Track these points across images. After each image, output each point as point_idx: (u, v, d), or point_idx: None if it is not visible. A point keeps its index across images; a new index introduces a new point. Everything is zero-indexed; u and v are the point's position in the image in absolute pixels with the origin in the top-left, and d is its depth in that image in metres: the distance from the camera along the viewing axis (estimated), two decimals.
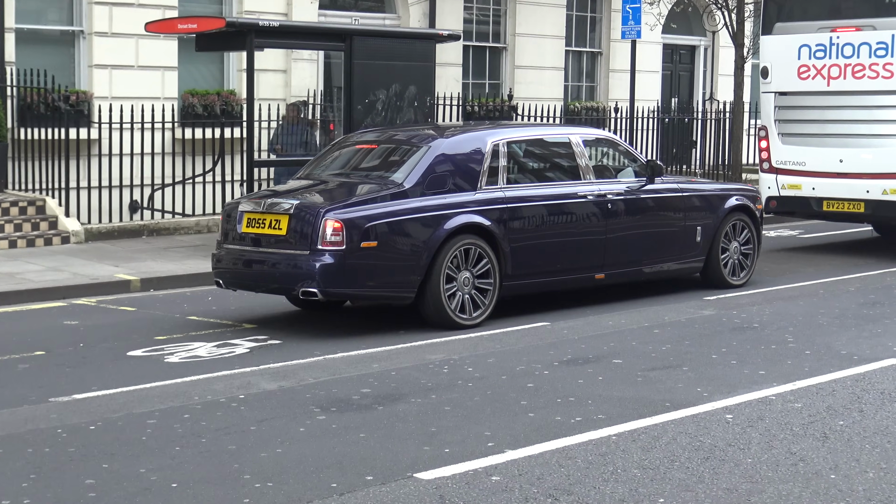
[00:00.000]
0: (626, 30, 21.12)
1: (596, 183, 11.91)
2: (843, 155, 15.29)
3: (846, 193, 15.32)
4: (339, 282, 10.32)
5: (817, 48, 15.50)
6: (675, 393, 8.27)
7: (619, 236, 11.95)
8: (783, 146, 15.88)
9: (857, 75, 15.23)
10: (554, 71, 23.14)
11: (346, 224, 10.22)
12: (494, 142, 11.33)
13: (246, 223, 10.78)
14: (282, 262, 10.44)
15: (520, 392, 8.29)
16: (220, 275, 11.09)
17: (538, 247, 11.37)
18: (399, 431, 7.29)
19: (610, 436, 7.17)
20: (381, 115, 15.50)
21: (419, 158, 10.96)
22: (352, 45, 15.24)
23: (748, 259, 13.21)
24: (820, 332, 10.49)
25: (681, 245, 12.58)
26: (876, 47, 15.07)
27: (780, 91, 15.96)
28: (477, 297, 10.91)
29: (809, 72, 15.59)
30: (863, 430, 7.30)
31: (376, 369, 9.04)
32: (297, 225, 10.39)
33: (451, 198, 10.84)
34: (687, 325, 10.83)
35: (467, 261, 10.81)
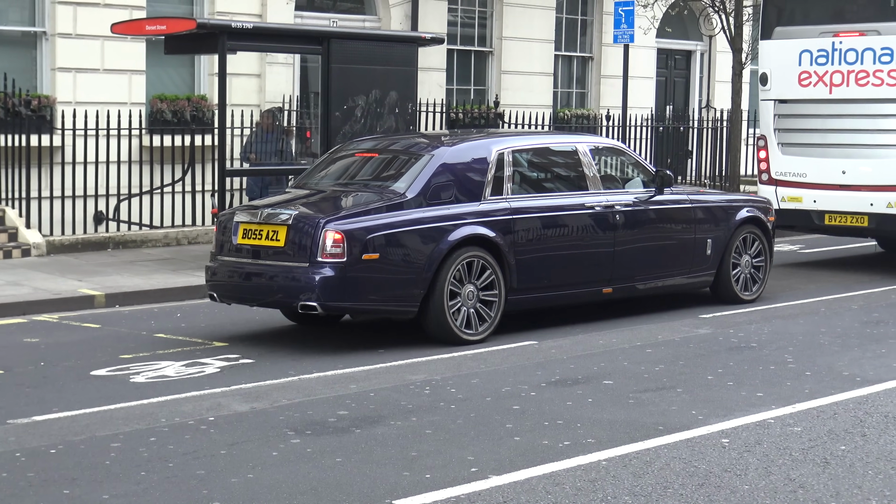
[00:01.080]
0: (619, 34, 21.17)
1: (604, 193, 12.02)
2: (845, 166, 15.33)
3: (849, 207, 15.33)
4: (340, 295, 10.37)
5: (819, 54, 15.55)
6: (668, 416, 8.28)
7: (627, 249, 12.06)
8: (783, 157, 15.92)
9: (861, 82, 15.26)
10: (542, 76, 23.20)
11: (347, 235, 10.29)
12: (499, 150, 11.43)
13: (242, 234, 10.84)
14: (280, 275, 10.49)
15: (505, 414, 8.29)
16: (214, 288, 11.16)
17: (545, 259, 11.46)
18: (377, 456, 7.29)
19: (600, 461, 7.17)
20: (361, 122, 15.52)
21: (422, 168, 11.04)
22: (329, 49, 15.25)
23: (760, 273, 13.33)
24: (821, 352, 10.52)
25: (691, 258, 12.69)
26: (880, 53, 15.11)
27: (779, 99, 16.02)
28: (481, 311, 11.00)
29: (811, 79, 15.65)
30: (865, 456, 7.32)
31: (354, 390, 9.04)
32: (296, 236, 10.45)
33: (454, 208, 10.93)
34: (681, 345, 10.86)
35: (471, 274, 10.90)
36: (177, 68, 18.39)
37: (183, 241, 16.96)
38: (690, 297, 13.15)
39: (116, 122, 16.72)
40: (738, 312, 12.52)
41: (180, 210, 17.31)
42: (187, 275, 14.27)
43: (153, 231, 16.88)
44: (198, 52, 16.89)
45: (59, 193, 16.36)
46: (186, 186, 17.22)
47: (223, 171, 14.85)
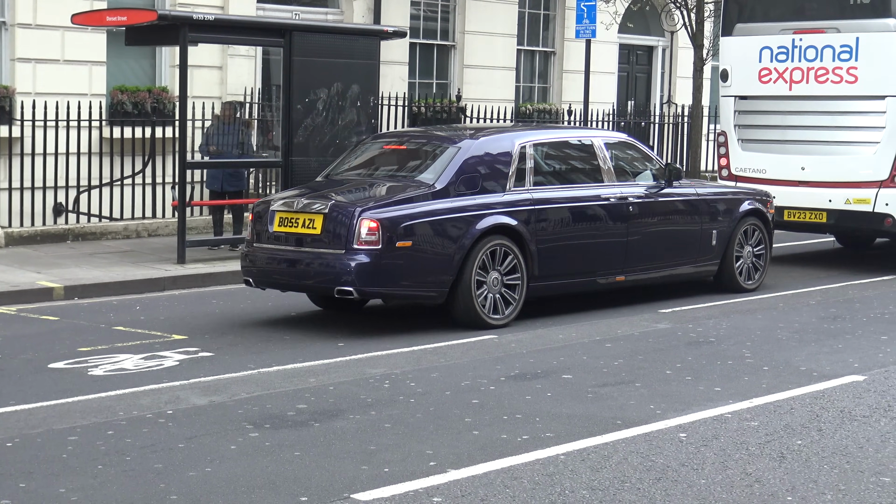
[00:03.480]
0: (581, 29, 21.21)
1: (618, 186, 12.53)
2: (805, 162, 15.46)
3: (808, 203, 15.42)
4: (375, 281, 10.83)
5: (779, 51, 15.65)
6: (626, 410, 8.31)
7: (639, 239, 12.56)
8: (743, 153, 16.03)
9: (821, 79, 15.37)
10: (505, 71, 23.21)
11: (382, 224, 10.74)
12: (521, 143, 11.92)
13: (278, 222, 11.28)
14: (316, 262, 10.95)
15: (464, 408, 8.30)
16: (249, 273, 11.58)
17: (563, 248, 11.94)
18: (336, 450, 7.28)
19: (558, 455, 7.19)
20: (322, 115, 15.49)
21: (449, 159, 11.51)
22: (291, 41, 15.21)
23: (760, 262, 13.83)
24: (778, 347, 10.58)
25: (697, 248, 13.22)
26: (840, 50, 15.21)
27: (740, 95, 16.12)
28: (506, 297, 11.45)
29: (771, 75, 15.75)
30: (821, 450, 7.37)
31: (313, 384, 9.02)
32: (332, 225, 10.91)
33: (481, 198, 11.40)
34: (640, 339, 10.90)
35: (496, 261, 11.35)
36: (138, 60, 18.28)
37: (143, 233, 16.87)
38: (649, 292, 13.20)
39: (76, 114, 16.61)
40: (696, 307, 12.58)
41: (140, 202, 17.23)
42: (147, 267, 14.21)
43: (113, 223, 16.79)
44: (159, 43, 16.78)
45: (18, 185, 16.23)
46: (147, 178, 17.13)
47: (183, 164, 14.79)
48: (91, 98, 17.15)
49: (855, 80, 15.13)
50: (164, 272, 13.97)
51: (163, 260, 14.74)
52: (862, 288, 14.04)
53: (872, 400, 8.65)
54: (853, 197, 15.12)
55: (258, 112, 18.80)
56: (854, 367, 9.76)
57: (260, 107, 18.90)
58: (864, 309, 12.60)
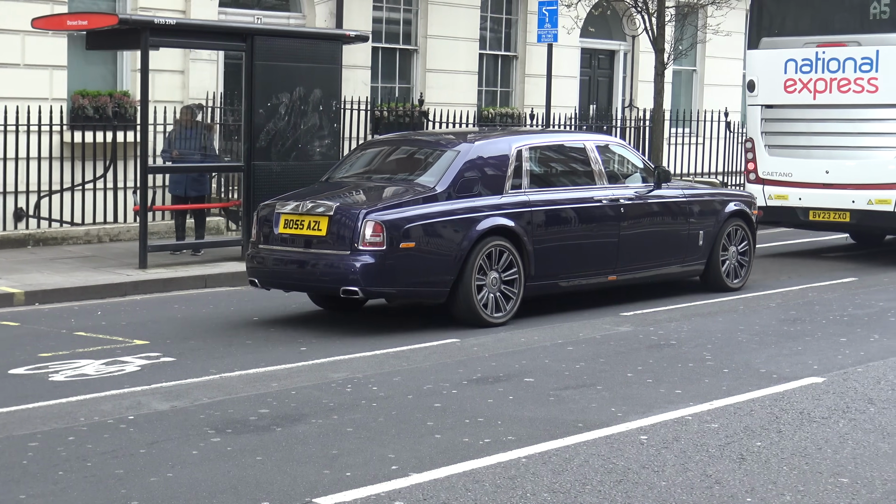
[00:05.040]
0: (543, 33, 21.27)
1: (610, 188, 12.93)
2: (829, 166, 16.56)
3: (832, 203, 16.57)
4: (379, 281, 11.16)
5: (803, 63, 16.87)
6: (588, 413, 8.34)
7: (630, 239, 12.95)
8: (770, 158, 17.16)
9: (843, 89, 16.56)
10: (467, 75, 23.25)
11: (386, 225, 11.08)
12: (518, 147, 12.30)
13: (283, 224, 11.59)
14: (321, 262, 11.29)
15: (426, 412, 8.31)
16: (255, 274, 11.87)
17: (558, 248, 12.31)
18: (298, 454, 7.28)
19: (520, 458, 7.21)
20: (285, 119, 15.47)
21: (449, 163, 11.85)
22: (253, 46, 15.19)
23: (744, 263, 14.23)
24: (739, 349, 10.65)
25: (685, 249, 13.60)
26: (861, 62, 16.42)
27: (766, 104, 17.31)
28: (505, 295, 11.79)
29: (796, 85, 16.95)
30: (780, 452, 7.42)
31: (275, 388, 9.01)
32: (337, 226, 11.23)
33: (480, 201, 11.75)
34: (602, 342, 10.94)
35: (494, 262, 11.68)
36: (99, 64, 18.20)
37: (104, 238, 16.80)
38: (611, 296, 13.25)
39: (37, 118, 16.53)
40: (658, 310, 12.64)
41: (102, 207, 17.15)
42: (109, 272, 14.15)
43: (74, 228, 16.70)
44: (120, 47, 16.73)
45: None
46: (108, 183, 17.05)
47: (145, 168, 14.74)
48: (52, 102, 17.06)
49: (875, 89, 16.29)
50: (126, 277, 13.91)
51: (124, 265, 14.68)
52: (821, 290, 14.15)
53: (831, 401, 8.71)
54: (875, 198, 16.23)
55: (220, 116, 18.75)
56: (813, 368, 9.83)
57: (222, 111, 18.85)
58: (823, 311, 12.69)
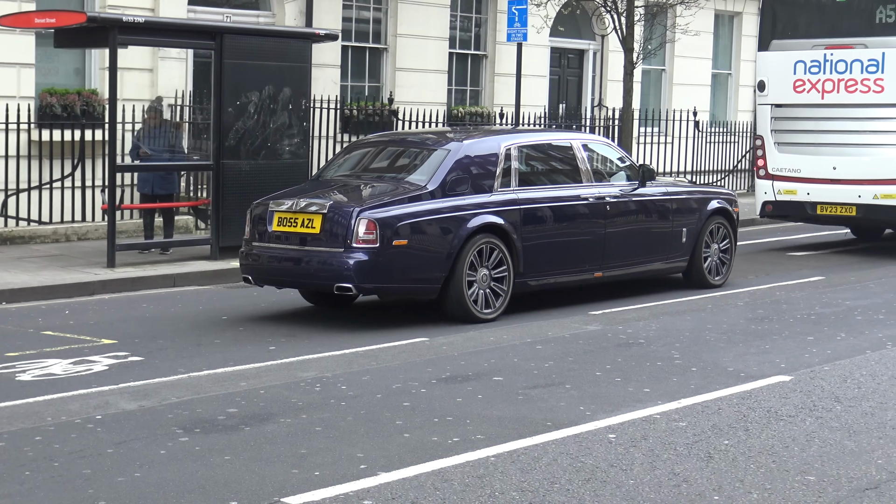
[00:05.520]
0: (512, 32, 21.28)
1: (596, 186, 13.15)
2: (836, 163, 17.43)
3: (839, 198, 17.42)
4: (373, 278, 11.39)
5: (812, 64, 17.71)
6: (556, 412, 8.35)
7: (615, 236, 13.18)
8: (779, 154, 17.99)
9: (850, 89, 17.41)
10: (437, 74, 23.24)
11: (379, 223, 11.29)
12: (507, 146, 12.50)
13: (277, 222, 11.79)
14: (315, 260, 11.49)
15: (395, 411, 8.31)
16: (249, 271, 12.08)
17: (546, 246, 12.51)
18: (267, 453, 7.26)
19: (488, 457, 7.21)
20: (254, 117, 15.44)
21: (440, 161, 12.04)
22: (222, 44, 15.15)
23: (726, 260, 14.49)
24: (707, 348, 10.69)
25: (668, 245, 13.86)
26: (867, 64, 17.29)
27: (776, 103, 18.10)
28: (495, 292, 12.00)
29: (805, 86, 17.77)
30: (748, 450, 7.45)
31: (244, 388, 8.99)
32: (331, 224, 11.43)
33: (470, 199, 11.95)
34: (571, 341, 10.96)
35: (485, 259, 11.90)
36: (67, 62, 18.11)
37: (72, 237, 16.72)
38: (579, 294, 13.28)
39: (4, 116, 16.43)
40: (626, 309, 12.67)
41: (70, 205, 17.06)
42: (76, 271, 14.08)
43: (42, 227, 16.61)
44: (88, 45, 16.61)
45: None
46: (76, 182, 16.97)
47: (113, 167, 14.68)
48: (19, 101, 16.95)
49: (881, 90, 17.11)
50: (94, 276, 13.85)
51: (92, 264, 14.61)
52: (789, 289, 14.21)
53: (798, 400, 8.76)
54: (881, 192, 17.11)
55: (189, 115, 18.68)
56: (781, 367, 9.87)
57: (191, 109, 18.78)
58: (790, 310, 12.75)
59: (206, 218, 16.13)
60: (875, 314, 12.51)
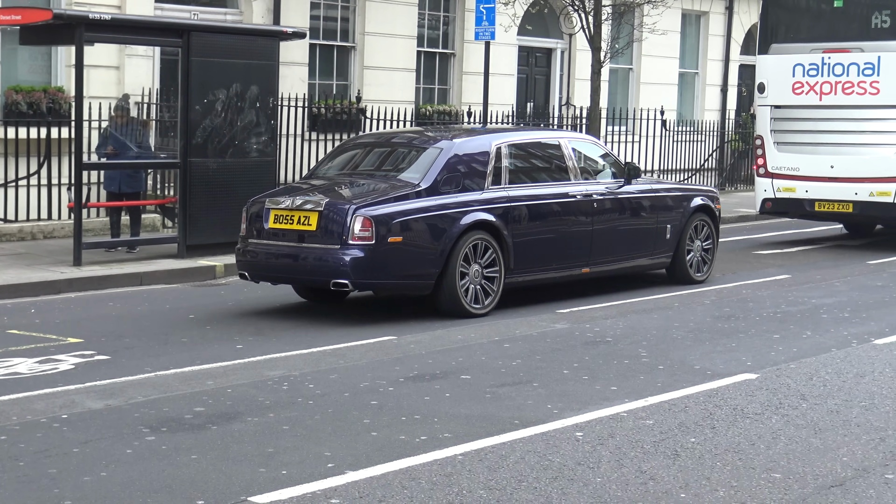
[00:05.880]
0: (480, 31, 21.27)
1: (584, 183, 13.47)
2: (833, 161, 18.25)
3: (836, 195, 18.23)
4: (369, 274, 11.60)
5: (810, 67, 18.50)
6: (524, 410, 8.36)
7: (602, 233, 13.47)
8: (778, 153, 18.77)
9: (847, 91, 18.25)
10: (405, 72, 23.23)
11: (375, 220, 11.52)
12: (497, 144, 12.77)
13: (273, 220, 11.99)
14: (311, 256, 11.71)
15: (363, 410, 8.30)
16: (245, 267, 12.29)
17: (536, 242, 12.78)
18: (234, 452, 7.24)
19: (456, 455, 7.21)
20: (221, 116, 15.39)
21: (433, 160, 12.28)
22: (189, 42, 15.10)
23: (708, 256, 14.83)
24: (674, 346, 10.72)
25: (653, 242, 14.16)
26: (864, 67, 18.11)
27: (775, 104, 18.91)
28: (485, 288, 12.22)
29: (803, 88, 18.59)
30: (714, 448, 7.48)
31: (211, 386, 8.96)
32: (327, 222, 11.65)
33: (462, 196, 12.19)
34: (538, 339, 10.97)
35: (477, 255, 12.14)
36: (33, 59, 17.99)
37: (38, 235, 16.62)
38: (548, 293, 13.30)
39: None
40: (594, 307, 12.69)
41: (36, 204, 16.95)
42: (42, 269, 14.00)
43: (7, 225, 16.51)
44: (54, 43, 16.52)
45: None
46: (42, 180, 16.86)
47: (80, 165, 14.60)
48: None
49: (877, 91, 17.94)
50: (60, 274, 13.77)
51: (59, 262, 14.53)
52: (755, 287, 14.27)
53: (764, 398, 8.80)
54: (876, 190, 17.90)
55: (156, 113, 18.60)
56: (747, 365, 9.91)
57: (158, 107, 18.70)
58: (757, 308, 12.80)
59: (174, 216, 16.07)
60: (840, 312, 12.58)
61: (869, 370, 9.79)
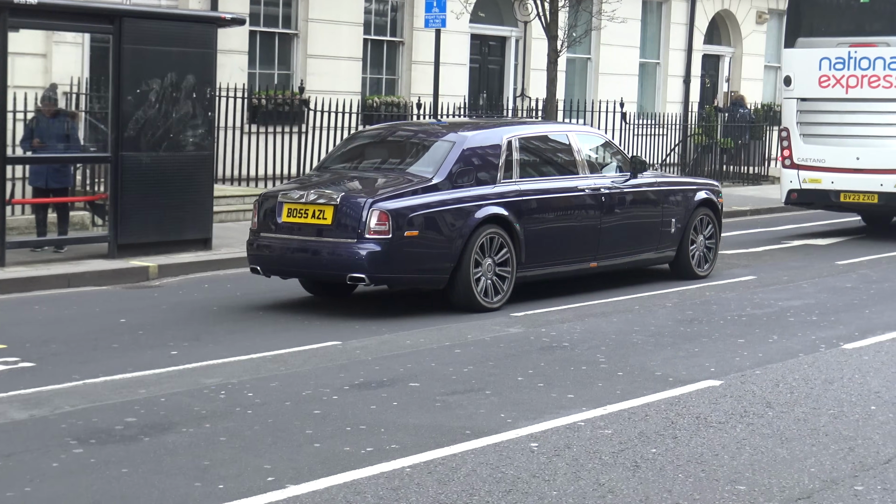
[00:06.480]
0: (430, 18, 21.32)
1: (592, 177, 14.02)
2: (859, 153, 19.49)
3: (862, 186, 19.54)
4: (385, 268, 12.09)
5: (836, 61, 19.79)
6: (476, 419, 8.36)
7: (610, 227, 14.02)
8: (805, 145, 20.05)
9: (873, 85, 19.50)
10: (351, 61, 23.21)
11: (392, 214, 11.99)
12: (508, 137, 13.32)
13: (286, 213, 12.43)
14: (326, 250, 12.17)
15: (305, 420, 8.27)
16: (257, 261, 12.76)
17: (546, 236, 13.30)
18: (167, 466, 7.20)
19: (404, 468, 7.20)
20: (155, 107, 15.31)
21: (446, 153, 12.78)
22: (121, 28, 15.01)
23: (711, 252, 15.43)
24: (634, 351, 10.76)
25: (659, 236, 14.74)
26: (890, 61, 19.36)
27: (802, 97, 20.18)
28: (497, 282, 12.72)
29: (829, 81, 19.87)
30: (676, 459, 7.51)
31: (143, 395, 8.90)
32: (343, 215, 12.12)
33: (475, 190, 12.71)
34: (491, 345, 10.98)
35: (489, 249, 12.64)
36: None
37: None
38: None
39: None
40: (550, 311, 12.72)
41: None
42: None
43: None
44: None
45: None
46: None
47: (3, 159, 14.46)
48: None
49: None
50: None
51: None
52: (719, 289, 14.35)
53: (728, 405, 8.84)
54: None
55: (86, 103, 18.47)
56: (710, 371, 9.96)
57: (88, 98, 18.57)
58: (721, 311, 12.88)
59: (104, 214, 15.96)
60: (808, 315, 12.68)
61: (838, 376, 9.86)
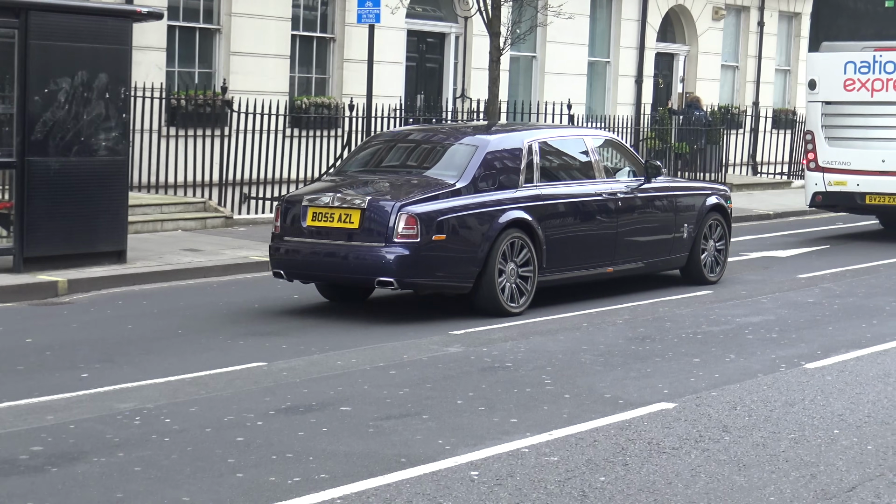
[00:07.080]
0: (363, 12, 21.30)
1: (608, 182, 14.97)
2: (885, 156, 20.87)
3: (888, 189, 20.90)
4: (414, 272, 12.83)
5: (861, 64, 21.18)
6: (412, 446, 8.36)
7: (626, 232, 14.95)
8: (830, 148, 21.43)
9: None
10: (278, 59, 23.17)
11: (420, 218, 12.74)
12: (529, 141, 14.15)
13: (311, 217, 13.13)
14: (353, 254, 12.90)
15: (227, 447, 8.24)
16: (281, 265, 13.42)
17: (565, 241, 14.18)
18: (76, 498, 7.15)
19: (334, 499, 7.20)
20: (65, 108, 15.21)
21: (469, 157, 13.60)
22: (28, 22, 14.89)
23: (721, 257, 16.39)
24: (582, 372, 10.79)
25: (672, 240, 15.68)
26: None
27: (826, 101, 21.55)
28: (519, 287, 13.51)
29: (854, 84, 21.26)
30: (626, 487, 7.53)
31: (51, 422, 8.83)
32: (370, 219, 12.86)
33: (499, 194, 13.52)
34: (429, 365, 10.98)
35: (513, 254, 13.40)
36: None
37: None
38: (439, 312, 13.34)
39: None
40: (492, 328, 12.74)
41: None
42: None
43: None
44: None
45: None
46: None
47: None
48: None
49: None
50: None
51: None
52: (673, 305, 14.44)
53: (683, 430, 8.89)
54: None
55: None
56: (664, 393, 10.01)
57: None
58: (675, 328, 12.95)
59: (9, 224, 15.80)
60: (767, 332, 12.77)
61: (799, 398, 9.94)
